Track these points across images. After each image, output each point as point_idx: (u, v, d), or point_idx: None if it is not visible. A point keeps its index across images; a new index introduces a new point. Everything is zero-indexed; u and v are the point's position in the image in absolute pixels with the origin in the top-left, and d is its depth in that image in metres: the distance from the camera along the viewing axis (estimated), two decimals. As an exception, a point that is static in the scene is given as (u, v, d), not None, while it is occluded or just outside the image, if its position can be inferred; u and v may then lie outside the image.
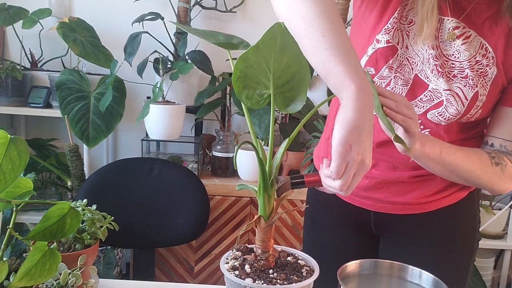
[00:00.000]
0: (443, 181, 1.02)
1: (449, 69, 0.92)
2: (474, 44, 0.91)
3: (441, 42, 0.92)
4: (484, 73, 0.91)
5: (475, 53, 0.90)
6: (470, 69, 0.91)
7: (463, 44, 0.91)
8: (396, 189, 1.03)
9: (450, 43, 0.92)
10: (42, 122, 2.37)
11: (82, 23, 2.10)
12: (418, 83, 0.94)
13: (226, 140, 2.14)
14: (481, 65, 0.91)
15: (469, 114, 0.93)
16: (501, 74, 0.91)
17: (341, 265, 0.77)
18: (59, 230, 0.73)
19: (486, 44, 0.90)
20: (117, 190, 1.67)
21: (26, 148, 0.68)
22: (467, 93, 0.91)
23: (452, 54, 0.92)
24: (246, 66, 0.65)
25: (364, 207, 1.07)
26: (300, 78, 0.68)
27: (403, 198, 1.03)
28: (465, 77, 0.91)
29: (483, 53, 0.90)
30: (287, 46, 0.64)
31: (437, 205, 1.05)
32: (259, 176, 0.69)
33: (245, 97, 0.69)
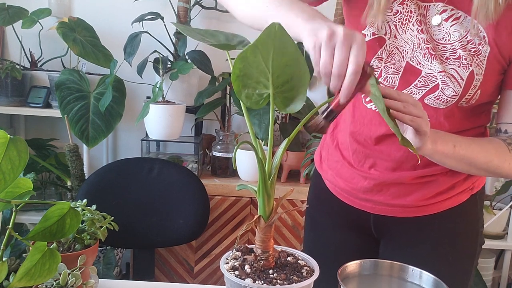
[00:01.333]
0: (444, 184, 1.02)
1: (441, 52, 0.92)
2: (465, 25, 0.90)
3: (429, 27, 0.92)
4: (477, 52, 0.90)
5: (465, 33, 0.90)
6: (462, 49, 0.90)
7: (453, 26, 0.91)
8: (396, 191, 1.03)
9: (438, 27, 0.92)
10: (41, 122, 2.37)
11: (82, 23, 2.10)
12: (410, 70, 0.94)
13: (226, 140, 2.14)
14: (474, 44, 0.90)
15: (468, 95, 0.92)
16: (494, 52, 0.90)
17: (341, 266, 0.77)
18: (59, 230, 0.73)
19: (477, 24, 0.89)
20: (117, 190, 1.66)
21: (26, 148, 0.68)
22: (462, 73, 0.91)
23: (442, 37, 0.92)
24: (245, 65, 0.65)
25: (364, 209, 1.07)
26: (299, 78, 0.68)
27: (403, 200, 1.03)
28: (458, 57, 0.91)
29: (474, 32, 0.90)
30: (285, 46, 0.64)
31: (438, 208, 1.04)
32: (258, 176, 0.69)
33: (244, 97, 0.69)
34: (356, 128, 1.03)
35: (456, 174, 1.02)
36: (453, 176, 1.02)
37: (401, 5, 0.93)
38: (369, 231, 1.11)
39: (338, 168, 1.09)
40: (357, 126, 1.03)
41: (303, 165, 2.01)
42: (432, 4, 0.92)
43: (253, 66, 0.65)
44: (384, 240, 1.12)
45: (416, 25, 0.93)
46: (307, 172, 1.88)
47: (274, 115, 0.71)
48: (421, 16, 0.92)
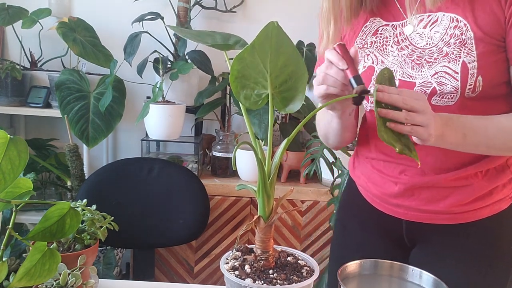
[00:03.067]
0: (480, 189, 0.98)
1: (428, 56, 0.95)
2: (444, 23, 0.93)
3: (410, 40, 0.97)
4: (462, 42, 0.91)
5: (445, 30, 0.93)
6: (447, 46, 0.92)
7: (432, 29, 0.94)
8: (428, 196, 1.01)
9: (420, 34, 0.95)
10: (41, 122, 2.37)
11: (82, 23, 2.10)
12: (405, 85, 0.97)
13: (226, 140, 2.14)
14: (456, 36, 0.92)
15: (469, 85, 0.92)
16: (479, 35, 0.90)
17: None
18: (59, 230, 0.73)
19: (456, 16, 0.92)
20: (117, 190, 1.66)
21: (26, 148, 0.68)
22: (454, 67, 0.92)
23: (426, 43, 0.95)
24: (243, 66, 0.65)
25: (396, 216, 1.06)
26: (297, 78, 0.68)
27: (436, 206, 1.00)
28: (445, 55, 0.93)
29: (454, 25, 0.92)
30: (282, 46, 0.63)
31: (475, 216, 1.00)
32: (258, 176, 0.69)
33: (243, 98, 0.69)
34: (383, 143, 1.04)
35: (493, 178, 0.99)
36: (489, 180, 0.99)
37: (374, 36, 1.02)
38: (401, 239, 1.09)
39: (369, 174, 1.10)
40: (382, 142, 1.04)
41: (303, 165, 2.01)
42: (407, 20, 0.97)
43: (251, 66, 0.65)
44: (415, 249, 1.09)
45: (395, 45, 0.99)
46: (307, 172, 1.88)
47: (273, 116, 0.71)
48: (399, 36, 0.98)
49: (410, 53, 0.97)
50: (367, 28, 1.04)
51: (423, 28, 0.96)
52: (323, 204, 1.99)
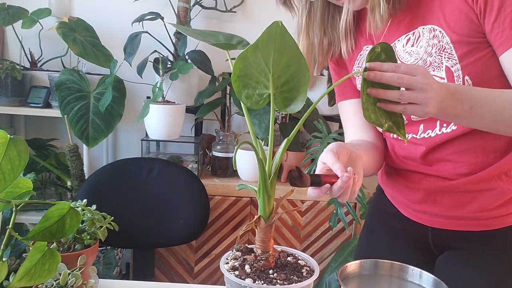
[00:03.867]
0: (505, 193, 0.95)
1: None
2: (425, 35, 0.94)
3: (401, 60, 0.98)
4: (441, 48, 0.92)
5: (427, 42, 0.94)
6: (429, 56, 0.94)
7: (418, 45, 0.96)
8: (451, 201, 0.99)
9: (409, 53, 0.97)
10: (41, 122, 2.37)
11: (82, 23, 2.10)
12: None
13: (226, 140, 2.14)
14: (435, 46, 0.93)
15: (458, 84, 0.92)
16: (455, 38, 0.90)
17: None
18: (59, 230, 0.73)
19: (433, 26, 0.93)
20: (117, 190, 1.66)
21: (26, 148, 0.68)
22: (439, 74, 0.93)
23: (414, 59, 0.96)
24: (245, 66, 0.65)
25: (422, 222, 1.05)
26: (299, 78, 0.68)
27: (460, 211, 0.99)
28: (429, 65, 0.94)
29: (432, 35, 0.93)
30: (286, 46, 0.63)
31: (501, 223, 0.97)
32: (259, 176, 0.69)
33: (244, 97, 0.69)
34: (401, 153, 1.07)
35: None
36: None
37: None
38: (428, 245, 1.07)
39: (394, 182, 1.11)
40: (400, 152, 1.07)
41: (303, 165, 2.01)
42: (397, 41, 0.98)
43: (253, 66, 0.65)
44: (442, 256, 1.07)
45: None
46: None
47: (274, 116, 0.71)
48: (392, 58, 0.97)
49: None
50: (362, 56, 1.06)
51: (411, 47, 0.96)
52: (323, 204, 1.99)
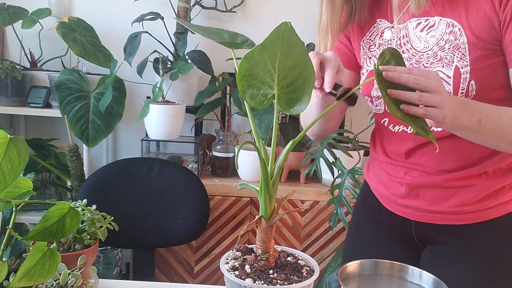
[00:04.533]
0: (484, 189, 0.98)
1: (426, 60, 0.97)
2: (440, 28, 0.95)
3: (411, 43, 0.99)
4: (456, 46, 0.92)
5: (441, 35, 0.94)
6: (441, 51, 0.94)
7: (429, 33, 0.96)
8: (433, 196, 1.02)
9: (419, 37, 0.97)
10: (41, 122, 2.37)
11: (82, 23, 2.10)
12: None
13: (226, 140, 2.14)
14: (450, 42, 0.93)
15: (461, 89, 0.93)
16: (472, 40, 0.91)
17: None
18: (59, 230, 0.73)
19: (452, 21, 0.93)
20: (117, 190, 1.66)
21: (26, 148, 0.68)
22: (447, 72, 0.93)
23: (424, 47, 0.97)
24: (251, 65, 0.65)
25: (405, 216, 1.08)
26: (305, 80, 0.67)
27: (441, 206, 1.02)
28: (439, 59, 0.95)
29: (449, 30, 0.93)
30: (293, 47, 0.63)
31: (481, 217, 0.99)
32: (261, 176, 0.69)
33: (249, 97, 0.68)
34: (388, 147, 1.09)
35: (499, 179, 0.99)
36: (495, 180, 0.98)
37: (381, 38, 1.04)
38: (412, 239, 1.10)
39: (379, 176, 1.13)
40: (388, 146, 1.09)
41: (303, 165, 2.01)
42: (408, 22, 0.99)
43: (259, 66, 0.65)
44: (426, 250, 1.09)
45: (398, 48, 1.00)
46: (307, 172, 1.88)
47: (277, 116, 0.71)
48: (403, 39, 1.00)
49: (410, 57, 0.99)
50: (375, 29, 1.06)
51: (420, 32, 0.97)
52: (323, 204, 1.99)
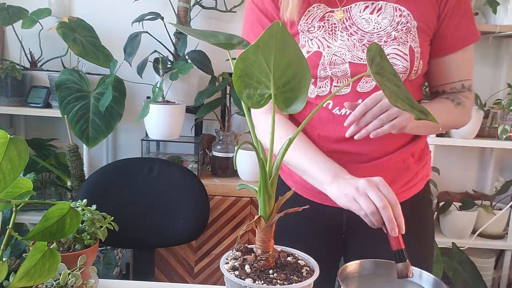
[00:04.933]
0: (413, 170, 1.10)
1: (378, 39, 1.02)
2: (388, 11, 1.02)
3: (357, 25, 1.03)
4: (408, 29, 1.01)
5: (392, 17, 1.01)
6: (395, 31, 1.01)
7: (379, 16, 1.02)
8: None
9: (367, 20, 1.02)
10: (41, 122, 2.37)
11: (82, 23, 2.10)
12: (356, 67, 1.01)
13: (226, 140, 2.14)
14: (402, 24, 1.01)
15: (415, 67, 1.02)
16: (420, 25, 1.01)
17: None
18: (59, 230, 0.73)
19: (399, 6, 1.01)
20: (117, 190, 1.66)
21: (26, 148, 0.68)
22: (403, 49, 1.00)
23: (373, 28, 1.02)
24: (246, 66, 0.65)
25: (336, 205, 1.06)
26: (301, 78, 0.68)
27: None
28: (394, 38, 1.01)
29: (399, 14, 1.01)
30: (287, 46, 0.63)
31: (406, 196, 1.09)
32: (259, 176, 0.69)
33: (245, 97, 0.69)
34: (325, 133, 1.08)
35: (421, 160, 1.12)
36: (419, 162, 1.11)
37: (322, 21, 1.04)
38: (339, 227, 1.14)
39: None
40: (323, 132, 1.08)
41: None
42: (354, 5, 1.03)
43: (254, 66, 0.65)
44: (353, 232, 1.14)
45: (344, 31, 1.03)
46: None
47: (275, 116, 0.71)
48: (346, 22, 1.03)
49: (361, 38, 1.02)
50: (311, 13, 1.05)
51: (369, 14, 1.02)
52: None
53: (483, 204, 2.35)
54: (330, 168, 0.97)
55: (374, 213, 0.86)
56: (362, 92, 1.03)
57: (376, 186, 0.88)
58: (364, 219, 0.89)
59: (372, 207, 0.86)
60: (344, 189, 0.91)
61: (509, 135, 2.18)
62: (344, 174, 0.95)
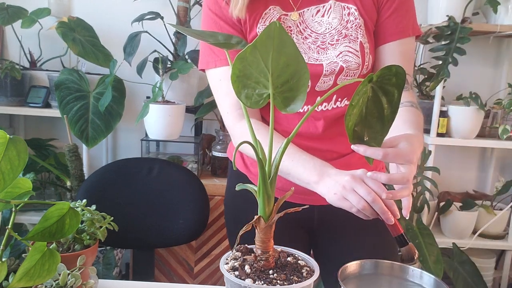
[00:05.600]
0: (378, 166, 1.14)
1: (330, 39, 1.04)
2: (337, 10, 1.05)
3: (311, 28, 1.05)
4: (357, 25, 1.04)
5: (341, 16, 1.05)
6: (345, 29, 1.04)
7: (330, 16, 1.05)
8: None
9: (319, 22, 1.05)
10: (41, 122, 2.37)
11: (82, 23, 2.09)
12: (313, 68, 1.03)
13: (226, 140, 2.14)
14: (351, 22, 1.05)
15: (366, 62, 1.05)
16: (366, 20, 1.05)
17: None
18: (58, 231, 0.73)
19: (346, 4, 1.05)
20: (117, 190, 1.66)
21: (25, 148, 0.68)
22: (354, 46, 1.04)
23: (325, 29, 1.05)
24: (244, 66, 0.65)
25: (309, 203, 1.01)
26: (299, 78, 0.67)
27: None
28: (345, 36, 1.04)
29: (347, 12, 1.05)
30: (284, 45, 0.63)
31: None
32: (258, 176, 0.69)
33: (244, 97, 0.68)
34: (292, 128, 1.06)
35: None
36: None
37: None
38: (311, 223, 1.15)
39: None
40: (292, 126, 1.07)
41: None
42: (306, 9, 1.05)
43: (252, 66, 0.65)
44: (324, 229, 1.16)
45: (299, 35, 1.05)
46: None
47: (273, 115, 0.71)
48: (300, 26, 1.05)
49: (314, 40, 1.05)
50: (268, 15, 1.05)
51: (321, 17, 1.05)
52: (323, 204, 1.99)
53: (484, 204, 2.35)
54: (314, 166, 0.96)
55: (365, 208, 0.86)
56: (320, 91, 1.06)
57: (361, 179, 0.87)
58: (357, 214, 0.89)
59: (363, 203, 0.85)
60: (332, 188, 0.90)
61: (509, 135, 2.18)
62: (329, 169, 0.94)
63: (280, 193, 1.09)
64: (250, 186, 0.73)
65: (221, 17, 1.07)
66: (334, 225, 1.15)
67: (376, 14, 1.07)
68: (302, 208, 0.76)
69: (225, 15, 1.06)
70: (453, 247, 2.23)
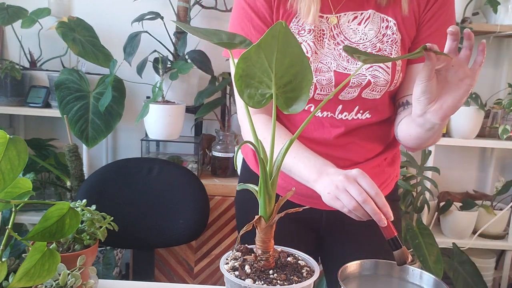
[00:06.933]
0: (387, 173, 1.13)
1: (363, 50, 1.01)
2: (376, 21, 1.02)
3: (345, 35, 1.02)
4: (394, 41, 1.01)
5: (378, 28, 1.01)
6: (380, 43, 1.01)
7: (366, 26, 1.02)
8: None
9: (354, 30, 1.02)
10: (41, 122, 2.36)
11: (82, 23, 2.09)
12: (340, 76, 1.01)
13: (226, 140, 2.14)
14: (388, 36, 1.01)
15: (395, 80, 1.02)
16: (404, 37, 1.02)
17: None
18: (58, 231, 0.73)
19: (386, 17, 1.02)
20: (117, 190, 1.66)
21: (25, 148, 0.68)
22: (386, 62, 1.01)
23: (360, 39, 1.02)
24: (248, 65, 0.65)
25: (316, 207, 1.07)
26: (302, 78, 0.67)
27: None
28: (378, 50, 1.01)
29: (385, 25, 1.02)
30: (289, 46, 0.63)
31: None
32: (260, 176, 0.69)
33: (247, 97, 0.68)
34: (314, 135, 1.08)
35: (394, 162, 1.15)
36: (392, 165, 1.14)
37: (312, 25, 1.02)
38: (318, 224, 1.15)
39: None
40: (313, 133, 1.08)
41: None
42: (343, 14, 1.02)
43: (256, 66, 0.65)
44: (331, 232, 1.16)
45: (331, 40, 1.02)
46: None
47: (276, 115, 0.71)
48: (334, 30, 1.02)
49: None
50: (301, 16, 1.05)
51: (357, 25, 1.02)
52: (323, 204, 1.99)
53: (484, 204, 2.35)
54: (314, 164, 0.95)
55: (356, 209, 0.84)
56: (343, 100, 1.04)
57: (355, 179, 0.85)
58: (349, 215, 0.87)
59: (353, 203, 0.84)
60: (327, 187, 0.89)
61: (509, 135, 2.18)
62: (328, 168, 0.93)
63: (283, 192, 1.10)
64: (251, 186, 0.73)
65: (254, 9, 1.07)
66: (341, 228, 1.14)
67: (415, 31, 1.03)
68: (303, 209, 0.75)
69: (259, 9, 1.06)
70: (453, 247, 2.23)
